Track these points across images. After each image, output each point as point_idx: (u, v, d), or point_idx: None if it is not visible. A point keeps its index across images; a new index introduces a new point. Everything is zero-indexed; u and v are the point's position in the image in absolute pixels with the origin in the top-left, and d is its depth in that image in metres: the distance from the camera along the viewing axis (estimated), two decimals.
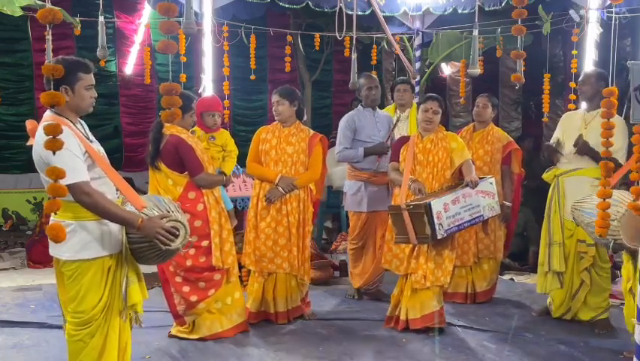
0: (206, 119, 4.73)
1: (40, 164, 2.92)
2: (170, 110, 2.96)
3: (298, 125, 4.93)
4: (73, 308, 3.04)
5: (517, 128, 9.43)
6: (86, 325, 3.03)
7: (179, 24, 3.28)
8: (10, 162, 8.69)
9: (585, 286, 4.81)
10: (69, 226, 2.93)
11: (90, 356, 3.06)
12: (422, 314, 4.61)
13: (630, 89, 3.44)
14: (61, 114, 2.97)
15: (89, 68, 3.04)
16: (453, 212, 4.40)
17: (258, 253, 4.81)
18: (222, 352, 4.28)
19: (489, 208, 4.62)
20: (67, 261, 3.00)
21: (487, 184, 4.64)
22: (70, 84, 2.97)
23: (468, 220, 4.49)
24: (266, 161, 4.86)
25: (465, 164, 4.67)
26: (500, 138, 5.55)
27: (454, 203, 4.42)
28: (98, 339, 3.06)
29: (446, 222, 4.37)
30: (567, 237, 4.82)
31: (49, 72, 2.63)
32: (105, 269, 3.05)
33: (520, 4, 3.53)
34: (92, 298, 3.02)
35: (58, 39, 8.12)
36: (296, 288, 4.91)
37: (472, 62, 5.18)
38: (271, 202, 4.77)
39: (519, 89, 8.73)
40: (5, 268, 6.61)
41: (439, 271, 4.56)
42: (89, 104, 3.07)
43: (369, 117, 5.51)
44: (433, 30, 7.97)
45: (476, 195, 4.53)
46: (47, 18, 2.54)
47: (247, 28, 7.21)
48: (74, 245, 2.97)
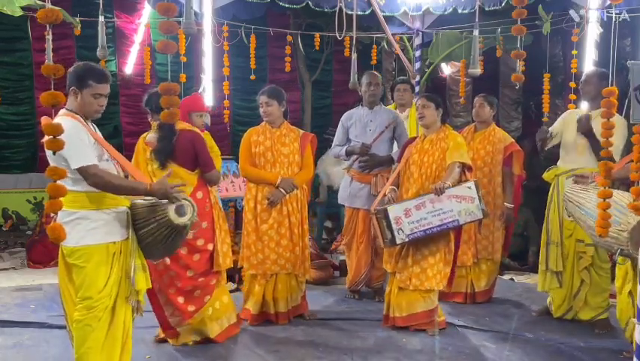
0: (195, 119, 4.57)
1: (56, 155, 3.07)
2: (170, 110, 2.96)
3: (287, 125, 4.94)
4: (81, 295, 3.19)
5: (517, 128, 9.42)
6: (92, 309, 3.16)
7: (178, 24, 3.28)
8: (10, 161, 8.68)
9: (586, 286, 4.81)
10: (73, 214, 3.15)
11: (96, 341, 3.18)
12: (408, 313, 4.64)
13: (630, 89, 3.45)
14: (74, 111, 3.21)
15: (102, 79, 3.23)
16: (417, 217, 4.42)
17: (261, 256, 4.79)
18: (222, 352, 4.28)
19: (466, 213, 4.47)
20: (74, 248, 3.15)
21: (463, 188, 4.50)
22: (79, 88, 3.20)
23: (438, 225, 4.45)
24: (261, 163, 4.83)
25: (449, 166, 4.55)
26: (502, 138, 5.55)
27: (417, 208, 4.43)
28: (103, 323, 3.19)
29: (408, 228, 4.42)
30: (566, 237, 4.82)
31: (50, 72, 2.64)
32: (110, 254, 3.21)
33: (520, 4, 3.53)
34: (98, 282, 3.17)
35: (58, 39, 8.11)
36: (296, 287, 4.91)
37: (473, 62, 5.19)
38: (274, 204, 4.75)
39: (519, 89, 8.73)
40: (5, 268, 6.61)
41: (424, 276, 4.57)
42: (94, 111, 3.27)
43: (364, 116, 5.49)
44: (433, 30, 7.96)
45: (448, 200, 4.43)
46: (47, 18, 2.55)
47: (247, 28, 7.21)
48: (79, 232, 3.15)
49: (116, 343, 3.25)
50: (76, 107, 3.22)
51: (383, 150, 5.44)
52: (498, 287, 5.82)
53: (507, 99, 9.36)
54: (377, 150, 5.41)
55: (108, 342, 3.22)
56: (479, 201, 4.50)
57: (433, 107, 4.72)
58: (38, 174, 8.33)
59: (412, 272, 4.59)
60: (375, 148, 5.40)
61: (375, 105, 5.54)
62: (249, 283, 4.90)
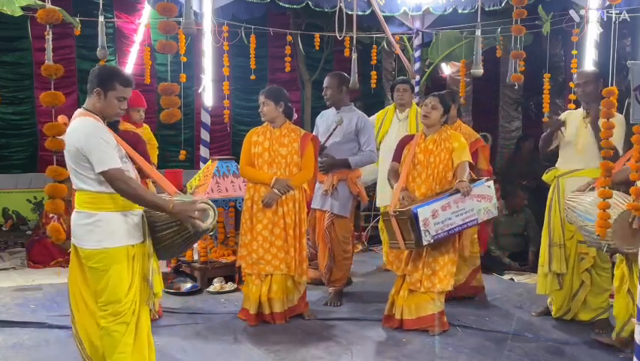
0: (132, 114, 5.01)
1: (77, 155, 3.06)
2: (170, 110, 2.96)
3: (288, 125, 4.91)
4: (106, 299, 3.13)
5: (517, 128, 9.43)
6: (118, 315, 3.12)
7: (178, 24, 3.29)
8: (10, 161, 8.68)
9: (585, 287, 4.81)
10: (93, 216, 3.10)
11: (127, 345, 3.15)
12: (417, 316, 4.62)
13: (630, 88, 3.45)
14: (94, 112, 3.16)
15: (128, 82, 3.22)
16: (443, 218, 4.40)
17: (255, 256, 4.79)
18: (222, 352, 4.28)
19: (485, 212, 4.55)
20: (93, 251, 3.10)
21: (484, 188, 4.57)
22: (104, 89, 3.14)
23: (459, 225, 4.47)
24: (259, 163, 4.82)
25: (460, 166, 4.60)
26: (468, 135, 5.46)
27: (444, 209, 4.40)
28: (131, 327, 3.16)
29: (434, 229, 4.37)
30: (568, 238, 4.81)
31: (50, 73, 2.65)
32: (130, 257, 3.16)
33: (520, 4, 3.54)
34: (122, 286, 3.13)
35: (58, 38, 8.10)
36: (292, 288, 4.90)
37: (475, 62, 5.18)
38: (269, 206, 4.73)
39: (519, 88, 8.73)
40: (5, 268, 6.60)
41: (435, 278, 4.55)
42: (115, 114, 3.25)
43: (330, 117, 5.41)
44: (433, 30, 7.97)
45: (471, 200, 4.47)
46: (47, 18, 2.55)
47: (247, 28, 7.21)
48: (98, 235, 3.10)
49: (143, 344, 3.23)
50: (98, 108, 3.17)
51: (347, 152, 5.31)
52: (498, 287, 5.80)
53: (507, 99, 9.36)
54: (339, 151, 5.28)
55: (137, 345, 3.19)
56: (495, 200, 4.62)
57: (442, 111, 4.69)
58: (38, 174, 8.33)
59: (422, 274, 4.57)
60: (336, 150, 5.27)
61: (342, 106, 5.41)
62: (248, 283, 4.91)
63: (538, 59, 7.33)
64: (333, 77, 5.51)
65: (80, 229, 3.14)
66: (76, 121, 3.13)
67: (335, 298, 5.39)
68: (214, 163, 6.08)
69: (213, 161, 6.15)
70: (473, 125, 9.38)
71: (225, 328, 4.74)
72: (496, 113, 9.58)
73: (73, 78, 8.45)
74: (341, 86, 5.42)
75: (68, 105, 5.45)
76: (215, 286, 5.71)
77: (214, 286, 5.72)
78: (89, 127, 3.07)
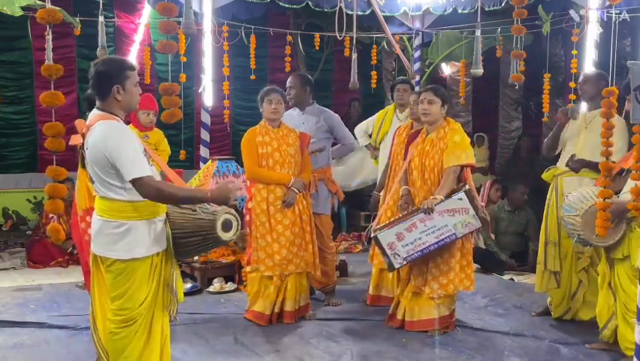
0: (141, 117, 4.75)
1: (102, 161, 2.92)
2: (171, 110, 2.97)
3: (284, 125, 4.93)
4: (119, 305, 3.06)
5: (517, 128, 9.43)
6: (130, 321, 3.06)
7: (178, 24, 3.29)
8: (10, 161, 8.68)
9: (583, 286, 4.81)
10: (122, 226, 2.98)
11: (135, 350, 3.08)
12: (419, 318, 4.60)
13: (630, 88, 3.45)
14: (113, 112, 3.02)
15: (133, 66, 3.11)
16: (411, 239, 4.30)
17: (278, 257, 4.72)
18: (222, 352, 4.28)
19: (462, 225, 4.28)
20: (118, 260, 3.01)
21: (454, 201, 4.27)
22: (121, 83, 3.00)
23: (435, 242, 4.30)
24: (269, 164, 4.77)
25: (445, 174, 4.37)
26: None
27: (409, 230, 4.30)
28: (140, 335, 3.09)
29: (403, 251, 4.31)
30: (564, 237, 4.81)
31: (50, 73, 2.65)
32: (153, 266, 3.07)
33: (520, 4, 3.54)
34: (139, 295, 3.04)
35: (58, 37, 8.08)
36: (306, 286, 4.91)
37: (475, 62, 5.18)
38: (290, 205, 4.73)
39: (519, 88, 8.74)
40: (5, 268, 6.60)
41: (444, 279, 4.49)
42: (137, 101, 3.13)
43: (295, 117, 5.32)
44: (433, 30, 7.97)
45: (440, 216, 4.24)
46: (47, 18, 2.55)
47: (247, 28, 7.21)
48: (126, 245, 2.99)
49: (154, 349, 3.14)
50: (120, 106, 3.03)
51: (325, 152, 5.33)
52: (498, 287, 5.80)
53: (507, 99, 9.37)
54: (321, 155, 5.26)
55: (147, 350, 3.12)
56: (475, 211, 4.30)
57: (439, 103, 4.46)
58: (38, 173, 8.33)
59: (426, 279, 4.53)
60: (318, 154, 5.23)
61: (306, 106, 5.38)
62: (260, 284, 4.81)
63: (538, 59, 7.33)
64: (296, 77, 5.47)
65: (108, 238, 3.02)
66: (98, 126, 2.95)
67: (333, 297, 5.39)
68: (214, 163, 6.08)
69: (213, 161, 6.16)
70: (473, 125, 9.44)
71: (225, 328, 4.74)
72: (496, 113, 9.59)
73: (73, 78, 8.45)
74: (305, 85, 5.37)
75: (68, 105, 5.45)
76: (215, 286, 5.72)
77: (214, 286, 5.72)
78: (115, 133, 2.92)
